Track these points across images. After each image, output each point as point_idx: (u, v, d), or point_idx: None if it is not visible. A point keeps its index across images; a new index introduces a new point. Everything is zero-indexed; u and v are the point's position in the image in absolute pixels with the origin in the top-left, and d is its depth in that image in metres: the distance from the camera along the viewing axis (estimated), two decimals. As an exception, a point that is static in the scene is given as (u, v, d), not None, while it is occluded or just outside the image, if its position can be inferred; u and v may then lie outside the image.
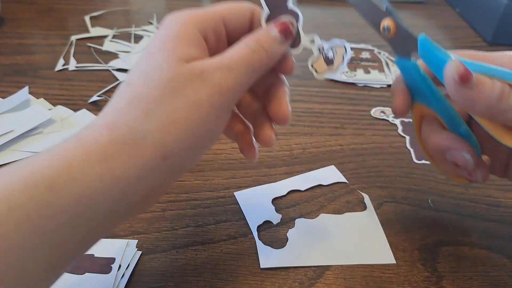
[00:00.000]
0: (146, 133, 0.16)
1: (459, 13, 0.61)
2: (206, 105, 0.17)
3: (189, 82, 0.17)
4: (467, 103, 0.18)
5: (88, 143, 0.15)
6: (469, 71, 0.17)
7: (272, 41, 0.19)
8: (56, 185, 0.14)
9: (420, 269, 0.24)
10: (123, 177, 0.15)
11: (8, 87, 0.38)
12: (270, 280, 0.23)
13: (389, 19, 0.20)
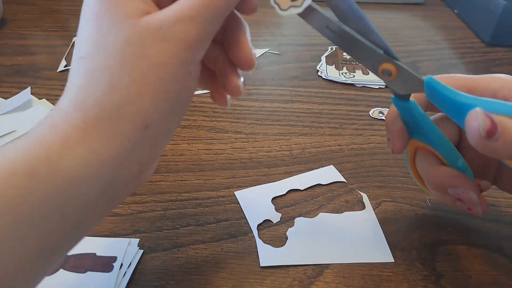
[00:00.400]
0: (119, 106, 0.15)
1: (458, 14, 0.61)
2: (173, 63, 0.15)
3: (148, 41, 0.15)
4: (492, 153, 0.17)
5: (62, 128, 0.15)
6: (494, 124, 0.16)
7: None
8: (36, 172, 0.14)
9: (418, 268, 0.24)
10: (108, 156, 0.15)
11: (10, 88, 0.38)
12: (270, 279, 0.23)
13: (388, 64, 0.19)
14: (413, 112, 0.21)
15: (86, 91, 0.15)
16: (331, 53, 0.48)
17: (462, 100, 0.18)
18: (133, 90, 0.15)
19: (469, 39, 0.54)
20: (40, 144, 0.14)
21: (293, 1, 0.18)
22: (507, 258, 0.25)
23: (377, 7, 0.63)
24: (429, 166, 0.22)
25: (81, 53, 0.16)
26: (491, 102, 0.17)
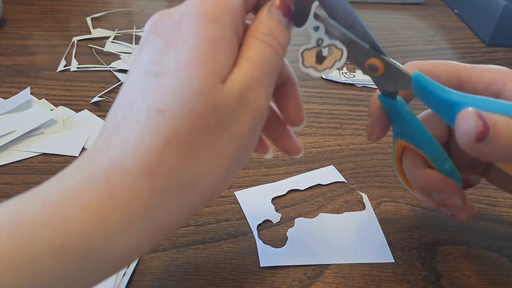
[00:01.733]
0: (194, 179, 0.14)
1: (458, 14, 0.61)
2: (249, 134, 0.15)
3: (232, 111, 0.14)
4: (481, 156, 0.16)
5: (125, 198, 0.12)
6: (487, 126, 0.15)
7: (281, 30, 0.16)
8: (91, 250, 0.12)
9: (418, 268, 0.24)
10: (166, 228, 0.14)
11: (10, 88, 0.38)
12: (270, 279, 0.23)
13: (374, 59, 0.18)
14: (400, 111, 0.20)
15: (159, 155, 0.13)
16: (331, 53, 0.48)
17: (452, 98, 0.17)
18: (210, 163, 0.14)
19: (469, 39, 0.54)
20: (97, 212, 0.12)
21: (317, 63, 0.18)
22: (507, 258, 0.25)
23: (377, 7, 0.63)
24: (414, 168, 0.21)
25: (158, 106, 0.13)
26: (483, 100, 0.16)
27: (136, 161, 0.13)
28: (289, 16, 0.17)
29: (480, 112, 0.15)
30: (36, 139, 0.32)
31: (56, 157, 0.31)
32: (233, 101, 0.14)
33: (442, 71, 0.20)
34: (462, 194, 0.20)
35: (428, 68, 0.21)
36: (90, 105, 0.36)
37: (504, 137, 0.15)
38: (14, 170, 0.29)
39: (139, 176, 0.13)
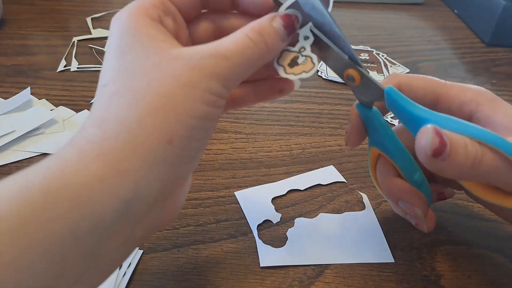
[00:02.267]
0: (140, 117, 0.14)
1: (458, 14, 0.61)
2: (201, 88, 0.15)
3: (179, 66, 0.15)
4: (438, 171, 0.17)
5: (80, 145, 0.14)
6: (444, 142, 0.16)
7: (274, 35, 0.17)
8: (50, 189, 0.13)
9: (418, 268, 0.24)
10: (127, 170, 0.14)
11: (10, 88, 0.38)
12: (270, 279, 0.23)
13: (352, 69, 0.19)
14: (374, 121, 0.21)
15: (106, 108, 0.15)
16: (331, 53, 0.48)
17: (419, 113, 0.18)
18: (157, 103, 0.14)
19: (469, 39, 0.54)
20: (57, 162, 0.14)
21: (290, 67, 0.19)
22: (507, 258, 0.25)
23: (376, 7, 0.63)
24: (384, 176, 0.23)
25: (104, 82, 0.15)
26: (447, 119, 0.17)
27: (88, 119, 0.15)
28: (289, 30, 0.18)
29: (439, 129, 0.16)
30: (36, 139, 0.32)
31: (56, 157, 0.31)
32: (179, 59, 0.15)
33: (420, 86, 0.21)
34: (425, 206, 0.21)
35: (407, 82, 0.21)
36: (90, 105, 0.36)
37: (460, 156, 0.16)
38: (15, 170, 0.29)
39: (89, 127, 0.15)
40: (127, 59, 0.15)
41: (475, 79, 0.45)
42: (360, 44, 0.50)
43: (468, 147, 0.16)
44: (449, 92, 0.20)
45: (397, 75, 0.22)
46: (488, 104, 0.19)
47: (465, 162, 0.16)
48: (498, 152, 0.17)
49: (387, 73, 0.45)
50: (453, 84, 0.21)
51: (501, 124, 0.19)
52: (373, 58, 0.47)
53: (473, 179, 0.18)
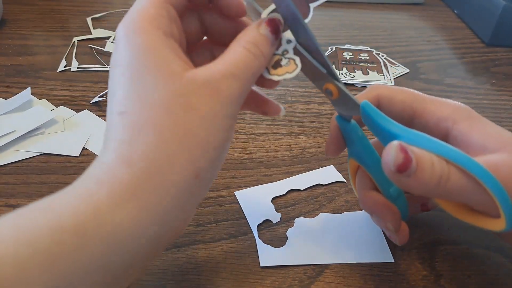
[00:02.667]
0: (169, 157, 0.15)
1: (457, 14, 0.61)
2: (220, 116, 0.16)
3: (197, 94, 0.15)
4: (403, 187, 0.17)
5: (109, 184, 0.14)
6: (408, 159, 0.16)
7: (266, 43, 0.18)
8: (84, 230, 0.13)
9: (418, 268, 0.24)
10: (159, 211, 0.14)
11: (10, 88, 0.38)
12: (270, 279, 0.23)
13: (330, 84, 0.19)
14: (352, 134, 0.21)
15: (131, 145, 0.15)
16: (331, 53, 0.48)
17: (391, 129, 0.18)
18: (184, 143, 0.15)
19: (469, 39, 0.54)
20: (88, 201, 0.14)
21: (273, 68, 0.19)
22: (507, 258, 0.25)
23: (376, 7, 0.63)
24: (361, 188, 0.23)
25: (121, 109, 0.15)
26: (418, 136, 0.17)
27: (112, 155, 0.15)
28: (276, 34, 0.18)
29: (405, 146, 0.16)
30: (37, 139, 0.32)
31: (56, 157, 0.31)
32: (196, 86, 0.15)
33: (399, 100, 0.21)
34: (397, 221, 0.21)
35: (386, 95, 0.21)
36: (90, 105, 0.37)
37: (426, 173, 0.16)
38: (15, 170, 0.30)
39: (116, 164, 0.14)
40: (143, 85, 0.15)
41: (475, 79, 0.45)
42: (360, 44, 0.51)
43: (435, 165, 0.16)
44: (426, 108, 0.20)
45: (378, 87, 0.22)
46: (465, 121, 0.19)
47: (430, 180, 0.16)
48: (465, 172, 0.17)
49: (387, 73, 0.45)
50: (433, 99, 0.20)
51: (477, 143, 0.18)
52: (373, 58, 0.48)
53: (440, 197, 0.18)
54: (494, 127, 0.19)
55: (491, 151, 0.18)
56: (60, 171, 0.30)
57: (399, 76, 0.44)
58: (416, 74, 0.45)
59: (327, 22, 0.57)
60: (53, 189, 0.28)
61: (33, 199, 0.27)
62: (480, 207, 0.18)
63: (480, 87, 0.43)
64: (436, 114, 0.20)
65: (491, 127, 0.19)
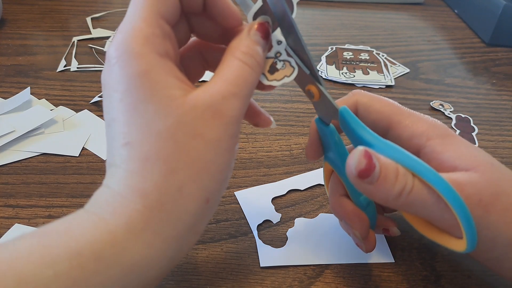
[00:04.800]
0: (180, 187, 0.15)
1: (458, 14, 0.61)
2: (225, 138, 0.16)
3: (200, 120, 0.15)
4: (365, 193, 0.17)
5: (125, 214, 0.15)
6: (371, 166, 0.16)
7: (260, 50, 0.18)
8: (102, 256, 0.14)
9: (418, 268, 0.24)
10: (173, 237, 0.15)
11: (10, 88, 0.38)
12: (270, 279, 0.23)
13: (312, 86, 0.19)
14: (329, 138, 0.21)
15: (142, 176, 0.15)
16: (331, 53, 0.48)
17: (366, 137, 0.18)
18: (192, 170, 0.15)
19: (469, 39, 0.54)
20: (104, 230, 0.14)
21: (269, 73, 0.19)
22: (507, 258, 0.25)
23: (377, 7, 0.63)
24: (333, 193, 0.23)
25: (126, 139, 0.15)
26: (389, 146, 0.18)
27: (122, 184, 0.15)
28: (267, 39, 0.18)
29: (370, 153, 0.17)
30: (36, 139, 0.32)
31: (56, 157, 0.31)
32: (198, 111, 0.15)
33: (376, 109, 0.21)
34: (365, 229, 0.21)
35: (365, 102, 0.21)
36: (90, 105, 0.36)
37: (389, 182, 0.16)
38: (14, 170, 0.29)
39: (129, 195, 0.15)
40: (144, 114, 0.15)
41: (475, 79, 0.45)
42: (360, 44, 0.50)
43: (399, 176, 0.17)
44: (402, 122, 0.20)
45: (358, 93, 0.22)
46: (438, 139, 0.19)
47: (392, 189, 0.17)
48: (430, 187, 0.17)
49: (387, 73, 0.45)
50: (410, 113, 0.20)
51: (448, 161, 0.18)
52: (373, 58, 0.47)
53: (402, 209, 0.18)
54: (467, 147, 0.19)
55: (461, 171, 0.18)
56: (59, 171, 0.30)
57: (400, 76, 0.44)
58: (417, 74, 0.45)
59: (327, 22, 0.57)
60: (52, 189, 0.28)
61: (32, 199, 0.27)
62: (442, 225, 0.18)
63: (481, 87, 0.43)
64: (411, 129, 0.20)
65: (464, 147, 0.19)
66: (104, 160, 0.31)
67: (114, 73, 0.15)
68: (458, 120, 0.38)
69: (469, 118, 0.38)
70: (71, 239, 0.14)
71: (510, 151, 0.34)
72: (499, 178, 0.18)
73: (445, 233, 0.18)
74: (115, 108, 0.15)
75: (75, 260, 0.13)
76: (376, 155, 0.17)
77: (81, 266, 0.13)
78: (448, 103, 0.40)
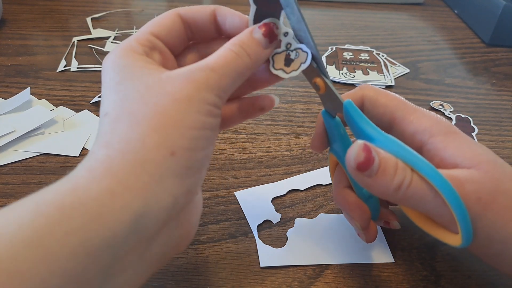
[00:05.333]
0: (142, 136, 0.15)
1: (458, 14, 0.61)
2: (195, 99, 0.16)
3: (170, 82, 0.16)
4: (364, 185, 0.18)
5: (89, 164, 0.15)
6: (370, 159, 0.17)
7: (255, 45, 0.18)
8: (64, 204, 0.13)
9: (418, 268, 0.24)
10: (136, 186, 0.14)
11: (10, 88, 0.38)
12: (270, 279, 0.23)
13: (318, 78, 0.20)
14: (334, 130, 0.21)
15: (110, 134, 0.16)
16: (331, 53, 0.48)
17: (368, 131, 0.18)
18: (156, 121, 0.15)
19: (469, 39, 0.54)
20: (69, 180, 0.14)
21: (285, 66, 0.19)
22: (507, 258, 0.25)
23: (377, 7, 0.63)
24: (337, 184, 0.23)
25: (106, 110, 0.16)
26: (391, 141, 0.18)
27: (95, 144, 0.16)
28: (270, 37, 0.18)
29: (370, 146, 0.17)
30: (36, 139, 0.32)
31: (56, 157, 0.31)
32: (170, 77, 0.16)
33: (382, 103, 0.21)
34: (365, 220, 0.22)
35: (371, 96, 0.21)
36: (90, 105, 0.36)
37: (387, 176, 0.17)
38: (14, 170, 0.29)
39: (97, 150, 0.15)
40: (122, 88, 0.16)
41: (475, 79, 0.45)
42: (360, 44, 0.50)
43: (399, 170, 0.17)
44: (406, 117, 0.20)
45: (366, 87, 0.22)
46: (441, 136, 0.19)
47: (390, 183, 0.17)
48: (428, 183, 0.17)
49: (387, 73, 0.45)
50: (415, 109, 0.20)
51: (449, 158, 0.18)
52: (373, 58, 0.47)
53: (400, 203, 0.18)
54: (470, 144, 0.19)
55: (463, 168, 0.18)
56: (59, 171, 0.30)
57: (400, 76, 0.44)
58: (417, 74, 0.45)
59: (327, 22, 0.57)
60: (52, 189, 0.28)
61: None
62: (439, 220, 0.18)
63: (481, 87, 0.43)
64: (415, 125, 0.20)
65: (467, 144, 0.19)
66: (104, 160, 0.31)
67: (104, 73, 0.17)
68: (458, 120, 0.38)
69: (469, 118, 0.38)
70: (37, 195, 0.14)
71: (510, 151, 0.34)
72: (500, 177, 0.18)
73: (442, 228, 0.18)
74: (103, 96, 0.17)
75: (38, 211, 0.13)
76: (376, 149, 0.17)
77: (44, 216, 0.13)
78: (448, 103, 0.40)
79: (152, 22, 0.19)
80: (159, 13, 0.58)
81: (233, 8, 0.20)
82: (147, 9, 0.57)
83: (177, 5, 0.61)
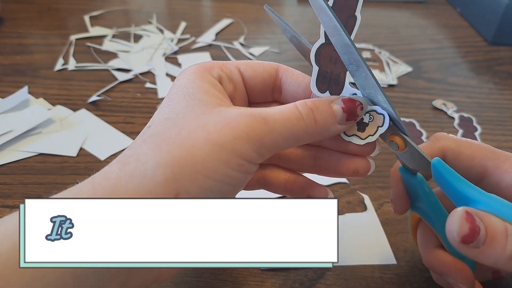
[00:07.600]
0: (156, 166, 0.14)
1: (460, 12, 0.61)
2: (228, 148, 0.15)
3: (213, 121, 0.15)
4: (471, 257, 0.15)
5: (97, 179, 0.15)
6: (475, 230, 0.15)
7: (329, 115, 0.16)
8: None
9: (421, 270, 0.24)
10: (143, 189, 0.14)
11: (8, 87, 0.38)
12: (270, 281, 0.23)
13: (397, 136, 0.18)
14: (418, 189, 0.19)
15: (136, 148, 0.15)
16: (332, 52, 0.48)
17: (467, 193, 0.16)
18: (177, 155, 0.14)
19: (472, 38, 0.54)
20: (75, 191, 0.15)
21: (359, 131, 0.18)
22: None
23: (379, 5, 0.62)
24: (425, 245, 0.21)
25: (149, 123, 0.16)
26: (497, 201, 0.16)
27: (121, 155, 0.16)
28: (349, 115, 0.17)
29: (472, 214, 0.15)
30: (34, 139, 0.32)
31: (53, 157, 0.30)
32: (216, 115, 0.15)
33: (468, 155, 0.19)
34: (470, 280, 0.19)
35: (453, 149, 0.19)
36: (87, 104, 0.36)
37: (498, 244, 0.15)
38: (11, 170, 0.29)
39: (113, 164, 0.15)
40: (175, 108, 0.16)
41: (478, 78, 0.45)
42: (362, 42, 0.50)
43: (510, 236, 0.15)
44: (500, 166, 0.18)
45: (442, 137, 0.20)
46: None
47: (502, 253, 0.15)
48: None
49: (389, 71, 0.44)
50: (507, 157, 0.18)
51: None
52: (376, 56, 0.47)
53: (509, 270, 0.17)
54: None
55: None
56: (57, 171, 0.29)
57: (402, 75, 0.44)
58: (419, 72, 0.45)
59: (328, 20, 0.56)
60: (50, 190, 0.28)
61: (29, 200, 0.27)
62: None
63: (483, 86, 0.43)
64: (511, 174, 0.18)
65: None
66: (101, 160, 0.30)
67: (172, 86, 0.17)
68: (461, 120, 0.37)
69: (472, 117, 0.37)
70: None
71: (513, 151, 0.34)
72: None
73: None
74: (158, 110, 0.17)
75: None
76: (479, 215, 0.15)
77: None
78: (451, 102, 0.39)
79: (248, 61, 0.19)
80: (157, 11, 0.58)
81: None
82: (145, 7, 0.57)
83: (175, 4, 0.61)
